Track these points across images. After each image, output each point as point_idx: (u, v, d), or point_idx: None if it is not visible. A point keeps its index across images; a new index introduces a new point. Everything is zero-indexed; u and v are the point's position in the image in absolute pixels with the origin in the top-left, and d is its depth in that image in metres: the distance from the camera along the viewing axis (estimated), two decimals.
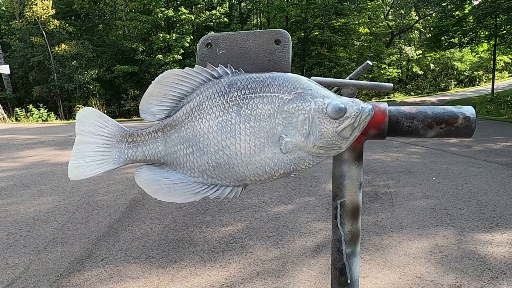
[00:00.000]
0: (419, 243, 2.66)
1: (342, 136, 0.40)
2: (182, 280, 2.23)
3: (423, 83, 29.61)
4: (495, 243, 2.62)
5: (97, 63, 19.50)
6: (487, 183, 4.09)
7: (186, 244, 2.72)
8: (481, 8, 15.09)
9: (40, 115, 15.70)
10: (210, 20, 19.58)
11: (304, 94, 0.40)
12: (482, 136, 7.64)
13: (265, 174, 0.40)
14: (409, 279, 2.20)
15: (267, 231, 2.93)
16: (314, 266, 2.37)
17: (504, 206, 3.35)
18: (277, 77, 0.41)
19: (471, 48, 19.61)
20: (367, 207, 3.39)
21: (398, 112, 0.52)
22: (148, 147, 0.42)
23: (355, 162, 0.55)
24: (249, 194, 3.85)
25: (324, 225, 3.02)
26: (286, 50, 0.44)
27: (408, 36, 28.93)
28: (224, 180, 0.42)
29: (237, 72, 0.43)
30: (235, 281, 2.21)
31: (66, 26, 19.04)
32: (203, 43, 0.45)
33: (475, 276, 2.20)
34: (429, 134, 0.51)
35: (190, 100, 0.42)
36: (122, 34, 22.05)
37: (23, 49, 18.56)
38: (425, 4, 20.55)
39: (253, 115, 0.40)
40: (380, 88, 0.59)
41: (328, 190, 3.95)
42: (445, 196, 3.70)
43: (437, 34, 18.75)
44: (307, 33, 22.62)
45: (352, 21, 23.08)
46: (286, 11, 22.10)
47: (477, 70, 31.34)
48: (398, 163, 5.27)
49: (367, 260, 2.43)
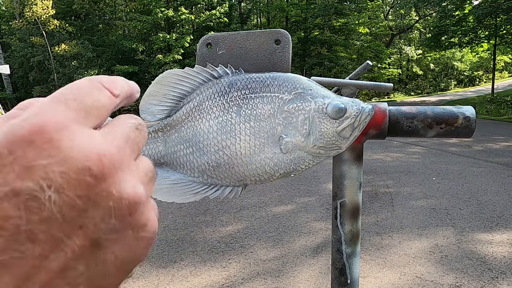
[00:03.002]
0: (419, 243, 2.66)
1: (342, 136, 0.40)
2: (182, 280, 2.23)
3: (423, 83, 29.61)
4: (495, 243, 2.62)
5: (97, 63, 19.51)
6: (487, 183, 4.09)
7: (186, 244, 2.72)
8: (481, 8, 15.09)
9: None
10: (210, 20, 19.59)
11: (304, 94, 0.40)
12: (482, 136, 7.64)
13: (265, 174, 0.40)
14: (409, 279, 2.20)
15: (267, 231, 2.93)
16: (314, 266, 2.37)
17: (504, 206, 3.35)
18: (277, 77, 0.41)
19: (471, 48, 19.61)
20: (367, 207, 3.39)
21: (398, 112, 0.52)
22: (148, 147, 0.42)
23: (355, 162, 0.55)
24: (249, 194, 3.85)
25: (324, 225, 3.02)
26: (286, 50, 0.44)
27: (408, 36, 28.95)
28: (224, 180, 0.42)
29: (237, 72, 0.43)
30: (235, 281, 2.21)
31: (66, 26, 19.04)
32: (203, 43, 0.45)
33: (475, 276, 2.21)
34: (429, 134, 0.51)
35: (190, 100, 0.42)
36: (122, 34, 22.06)
37: (23, 49, 18.57)
38: (425, 4, 20.56)
39: (253, 115, 0.40)
40: (380, 88, 0.59)
41: (328, 190, 3.95)
42: (445, 196, 3.71)
43: (437, 34, 18.75)
44: (307, 33, 22.63)
45: (352, 21, 23.06)
46: (286, 11, 22.11)
47: (477, 70, 31.34)
48: (398, 163, 5.27)
49: (367, 260, 2.43)
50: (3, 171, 0.16)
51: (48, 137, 0.17)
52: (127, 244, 0.20)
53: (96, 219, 0.18)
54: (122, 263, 0.20)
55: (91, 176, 0.18)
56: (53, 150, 0.17)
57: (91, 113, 0.19)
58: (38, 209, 0.16)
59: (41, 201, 0.16)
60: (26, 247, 0.16)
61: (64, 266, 0.17)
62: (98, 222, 0.18)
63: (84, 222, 0.18)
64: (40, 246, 0.17)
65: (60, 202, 0.17)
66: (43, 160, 0.17)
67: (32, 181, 0.16)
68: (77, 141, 0.18)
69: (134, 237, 0.20)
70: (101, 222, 0.18)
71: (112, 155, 0.19)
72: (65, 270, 0.17)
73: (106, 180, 0.18)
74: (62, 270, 0.17)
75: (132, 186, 0.20)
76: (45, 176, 0.17)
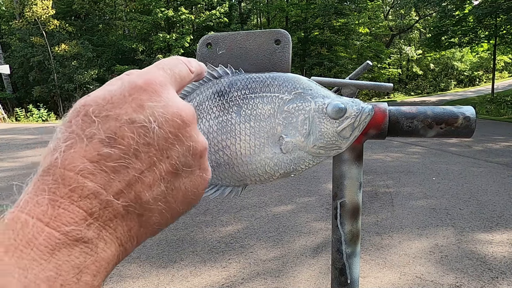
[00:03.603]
0: (419, 243, 2.66)
1: (342, 136, 0.40)
2: (182, 280, 2.23)
3: (423, 83, 29.61)
4: (495, 243, 2.62)
5: (97, 63, 19.50)
6: (487, 183, 4.09)
7: (186, 244, 2.72)
8: (481, 8, 15.09)
9: (40, 115, 15.71)
10: (210, 20, 19.58)
11: (304, 94, 0.40)
12: (482, 136, 7.64)
13: (265, 174, 0.40)
14: (409, 279, 2.20)
15: (267, 231, 2.93)
16: (314, 266, 2.37)
17: (504, 206, 3.35)
18: (277, 77, 0.41)
19: (471, 48, 19.61)
20: (367, 207, 3.39)
21: (398, 112, 0.52)
22: None
23: (355, 162, 0.55)
24: (249, 194, 3.85)
25: (324, 225, 3.02)
26: (286, 50, 0.44)
27: (408, 36, 28.94)
28: (224, 180, 0.42)
29: (237, 72, 0.43)
30: (235, 281, 2.21)
31: (66, 26, 19.03)
32: (203, 43, 0.45)
33: (475, 276, 2.21)
34: (429, 134, 0.51)
35: (190, 100, 0.42)
36: (122, 34, 22.06)
37: (23, 49, 18.55)
38: (425, 4, 20.55)
39: (253, 115, 0.39)
40: (380, 88, 0.59)
41: (328, 190, 3.95)
42: (445, 196, 3.71)
43: (437, 34, 18.75)
44: (307, 33, 22.62)
45: (352, 21, 23.06)
46: (286, 11, 22.10)
47: (477, 70, 31.34)
48: (398, 163, 5.27)
49: (367, 260, 2.43)
50: (125, 106, 0.23)
51: (155, 88, 0.24)
52: (194, 179, 0.26)
53: (179, 153, 0.24)
54: (188, 194, 0.26)
55: (181, 120, 0.24)
56: (157, 97, 0.24)
57: (177, 79, 0.27)
58: (144, 135, 0.23)
59: (147, 130, 0.23)
60: (132, 160, 0.22)
61: (153, 182, 0.23)
62: (180, 156, 0.24)
63: (171, 153, 0.24)
64: (140, 162, 0.23)
65: (159, 133, 0.23)
66: (151, 103, 0.23)
67: (143, 115, 0.23)
68: (171, 95, 0.25)
69: (200, 175, 0.27)
70: (182, 156, 0.25)
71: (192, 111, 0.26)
72: (153, 186, 0.23)
73: (190, 125, 0.25)
74: (151, 185, 0.23)
75: (202, 136, 0.27)
76: (152, 113, 0.23)
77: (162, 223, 0.25)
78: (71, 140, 0.22)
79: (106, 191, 0.21)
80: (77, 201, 0.20)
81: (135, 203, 0.23)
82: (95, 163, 0.21)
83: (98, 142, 0.22)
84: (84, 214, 0.20)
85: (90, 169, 0.21)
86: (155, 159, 0.23)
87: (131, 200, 0.22)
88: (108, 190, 0.21)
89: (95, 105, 0.23)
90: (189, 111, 0.25)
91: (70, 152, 0.21)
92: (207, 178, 0.27)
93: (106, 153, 0.21)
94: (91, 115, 0.22)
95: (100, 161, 0.21)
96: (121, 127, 0.22)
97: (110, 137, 0.22)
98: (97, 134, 0.22)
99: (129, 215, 0.23)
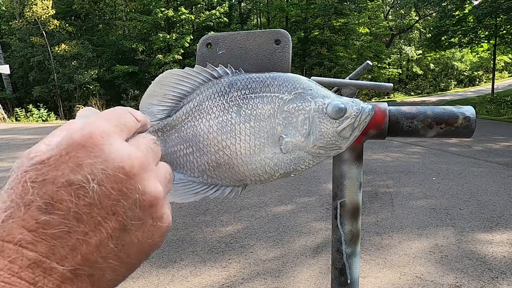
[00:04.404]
0: (419, 243, 2.66)
1: (342, 136, 0.40)
2: (182, 280, 2.23)
3: (423, 83, 29.59)
4: (495, 243, 2.62)
5: (97, 63, 19.49)
6: (487, 183, 4.09)
7: (186, 244, 2.72)
8: (481, 8, 15.08)
9: (40, 115, 15.70)
10: (210, 20, 19.57)
11: (304, 94, 0.40)
12: (482, 136, 7.64)
13: (265, 174, 0.40)
14: (409, 279, 2.20)
15: (267, 231, 2.93)
16: (314, 266, 2.37)
17: (504, 206, 3.35)
18: (277, 77, 0.41)
19: (471, 48, 19.60)
20: (367, 207, 3.39)
21: (398, 112, 0.52)
22: None
23: (355, 162, 0.55)
24: (249, 194, 3.85)
25: (324, 225, 3.02)
26: (286, 50, 0.44)
27: (408, 36, 28.93)
28: (224, 180, 0.41)
29: (237, 72, 0.43)
30: (235, 281, 2.21)
31: (66, 26, 19.02)
32: (203, 43, 0.45)
33: (475, 276, 2.21)
34: (429, 134, 0.51)
35: (190, 100, 0.42)
36: (122, 34, 22.05)
37: (23, 49, 18.55)
38: (425, 4, 20.55)
39: (253, 115, 0.39)
40: (380, 88, 0.59)
41: (328, 190, 3.95)
42: (445, 196, 3.71)
43: (437, 34, 18.74)
44: (307, 33, 22.61)
45: (352, 21, 23.05)
46: (286, 11, 22.09)
47: (477, 70, 31.33)
48: (398, 163, 5.27)
49: (367, 260, 2.43)
50: (62, 167, 0.22)
51: (95, 141, 0.23)
52: (147, 230, 0.25)
53: (125, 207, 0.23)
54: (142, 246, 0.25)
55: (124, 173, 0.23)
56: (98, 152, 0.23)
57: (123, 129, 0.26)
58: (84, 196, 0.22)
59: (87, 190, 0.22)
60: (73, 224, 0.22)
61: (100, 242, 0.23)
62: (126, 210, 0.23)
63: (116, 209, 0.23)
64: (83, 224, 0.22)
65: (100, 192, 0.22)
66: (90, 160, 0.22)
67: (81, 174, 0.22)
68: (114, 147, 0.23)
69: (153, 225, 0.25)
70: (129, 210, 0.23)
71: (139, 158, 0.25)
72: (100, 246, 0.23)
73: (135, 177, 0.24)
74: (98, 245, 0.22)
75: (153, 184, 0.25)
76: (91, 171, 0.22)
77: (118, 279, 0.25)
78: (10, 209, 0.21)
79: (48, 258, 0.21)
80: (18, 272, 0.20)
81: (83, 265, 0.22)
82: (34, 232, 0.21)
83: (36, 209, 0.21)
84: (27, 284, 0.20)
85: (29, 239, 0.21)
86: (99, 219, 0.22)
87: (78, 263, 0.22)
88: (50, 258, 0.21)
89: (32, 171, 0.22)
90: (134, 161, 0.24)
91: (9, 223, 0.21)
92: (163, 226, 0.26)
93: (44, 221, 0.21)
94: (28, 181, 0.21)
95: (38, 230, 0.21)
96: (58, 191, 0.21)
97: (47, 203, 0.21)
98: (34, 201, 0.21)
99: (79, 278, 0.22)
